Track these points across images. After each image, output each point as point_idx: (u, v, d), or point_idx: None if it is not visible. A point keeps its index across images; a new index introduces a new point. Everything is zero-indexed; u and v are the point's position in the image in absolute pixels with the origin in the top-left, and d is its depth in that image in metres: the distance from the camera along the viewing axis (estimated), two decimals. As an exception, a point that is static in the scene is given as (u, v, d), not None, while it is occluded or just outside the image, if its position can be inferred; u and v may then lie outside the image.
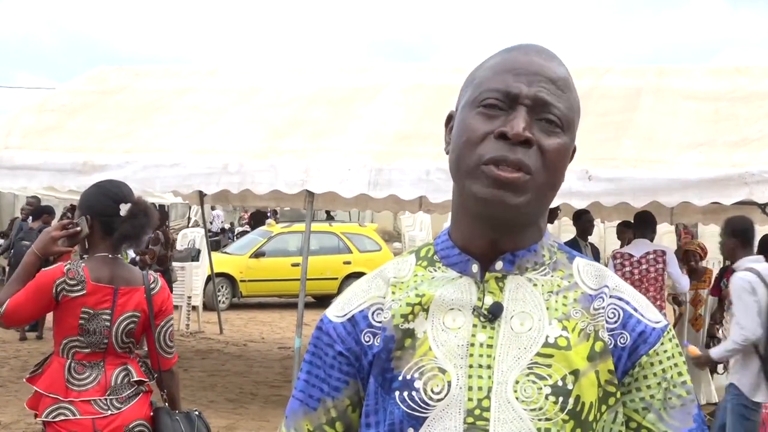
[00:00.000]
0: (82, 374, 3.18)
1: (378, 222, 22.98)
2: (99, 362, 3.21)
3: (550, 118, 1.21)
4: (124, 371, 3.23)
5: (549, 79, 1.22)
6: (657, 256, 6.92)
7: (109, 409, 3.15)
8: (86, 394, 3.15)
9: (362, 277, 1.35)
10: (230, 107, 7.99)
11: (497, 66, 1.24)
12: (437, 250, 1.31)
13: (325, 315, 1.33)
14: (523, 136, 1.17)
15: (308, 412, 1.30)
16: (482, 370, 1.20)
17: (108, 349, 3.21)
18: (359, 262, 15.41)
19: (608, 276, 1.29)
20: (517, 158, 1.17)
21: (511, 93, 1.20)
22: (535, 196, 1.20)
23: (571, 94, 1.25)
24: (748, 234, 5.17)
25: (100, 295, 3.20)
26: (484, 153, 1.19)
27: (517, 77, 1.21)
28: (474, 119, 1.21)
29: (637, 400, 1.23)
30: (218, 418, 7.24)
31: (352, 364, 1.28)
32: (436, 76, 8.30)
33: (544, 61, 1.23)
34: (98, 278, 3.20)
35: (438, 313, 1.25)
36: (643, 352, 1.23)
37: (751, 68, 7.94)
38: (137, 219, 3.27)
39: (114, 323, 3.21)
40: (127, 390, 3.20)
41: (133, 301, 3.26)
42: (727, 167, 5.82)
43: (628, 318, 1.24)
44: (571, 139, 1.25)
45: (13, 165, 7.16)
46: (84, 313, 3.17)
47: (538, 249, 1.27)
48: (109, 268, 3.25)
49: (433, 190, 6.30)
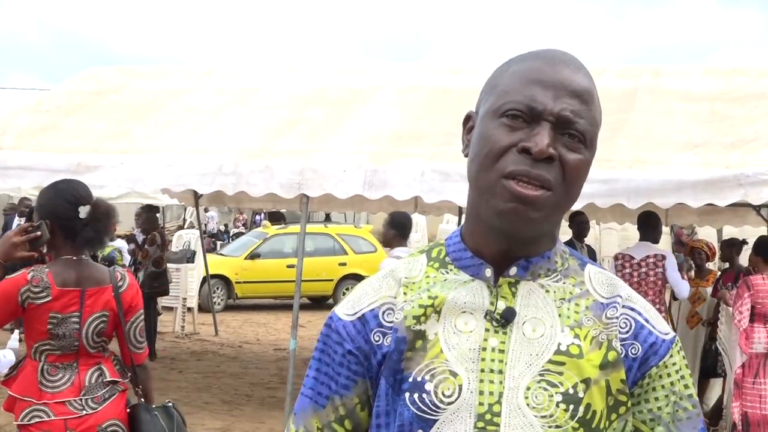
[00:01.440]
0: (56, 376, 3.18)
1: (373, 223, 22.96)
2: (72, 363, 3.20)
3: (573, 134, 1.20)
4: (98, 371, 3.23)
5: (574, 92, 1.20)
6: (657, 260, 6.90)
7: (84, 409, 3.15)
8: (60, 396, 3.14)
9: (373, 276, 1.35)
10: (225, 108, 7.98)
11: (523, 74, 1.22)
12: (449, 252, 1.31)
13: (335, 312, 1.32)
14: (546, 153, 1.17)
15: (317, 410, 1.30)
16: (494, 374, 1.20)
17: (80, 350, 3.21)
18: (354, 263, 15.40)
19: (620, 285, 1.29)
20: (538, 173, 1.17)
21: (536, 108, 1.19)
22: (553, 211, 1.20)
23: (594, 108, 1.24)
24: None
25: (67, 299, 3.17)
26: (506, 166, 1.18)
27: (544, 90, 1.19)
28: (497, 130, 1.20)
29: (645, 411, 1.24)
30: (213, 419, 7.23)
31: (361, 363, 1.28)
32: (431, 78, 8.30)
33: (571, 72, 1.22)
34: (64, 282, 3.17)
35: (450, 315, 1.24)
36: (653, 363, 1.23)
37: (747, 69, 7.95)
38: (99, 222, 3.24)
39: (83, 325, 3.19)
40: (101, 390, 3.21)
41: (102, 300, 3.24)
42: (722, 168, 5.82)
43: (640, 329, 1.25)
44: (592, 154, 1.24)
45: (6, 165, 7.14)
46: (52, 318, 3.15)
47: (552, 256, 1.28)
48: (75, 270, 3.22)
49: (427, 190, 6.29)
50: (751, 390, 6.24)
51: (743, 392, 6.26)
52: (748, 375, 6.27)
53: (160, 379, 9.11)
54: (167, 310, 12.00)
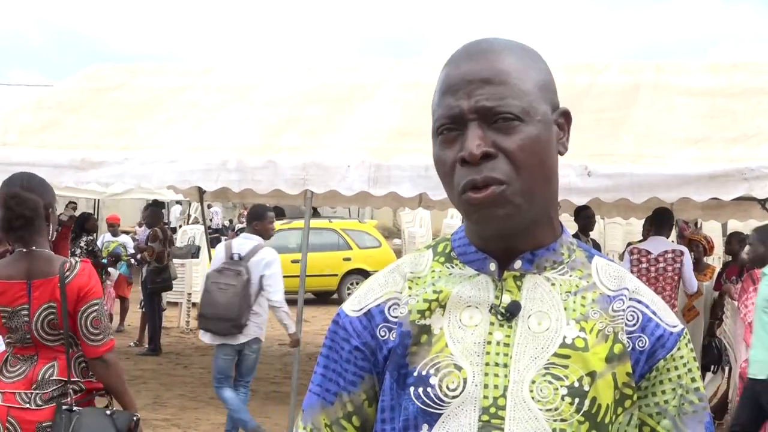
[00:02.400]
0: (15, 366, 3.18)
1: (378, 218, 22.98)
2: (33, 356, 3.18)
3: (503, 117, 1.18)
4: (51, 368, 3.16)
5: (483, 80, 1.18)
6: (675, 255, 6.92)
7: (29, 403, 3.11)
8: (11, 387, 3.13)
9: (379, 272, 1.35)
10: (226, 105, 7.98)
11: (439, 88, 1.24)
12: (454, 247, 1.31)
13: (342, 309, 1.32)
14: (477, 154, 1.16)
15: (325, 406, 1.29)
16: (498, 368, 1.20)
17: (36, 343, 3.17)
18: (359, 258, 15.41)
19: (627, 278, 1.28)
20: (483, 177, 1.17)
21: (455, 114, 1.19)
22: (520, 199, 1.18)
23: (520, 80, 1.19)
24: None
25: (13, 292, 3.14)
26: (458, 182, 1.19)
27: (455, 95, 1.20)
28: (440, 151, 1.22)
29: (651, 404, 1.23)
30: (218, 414, 7.24)
31: (367, 358, 1.27)
32: (432, 73, 8.25)
33: (476, 63, 1.20)
34: (9, 276, 3.15)
35: (455, 310, 1.24)
36: (661, 356, 1.22)
37: (749, 64, 7.94)
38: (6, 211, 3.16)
39: (32, 317, 3.14)
40: (51, 387, 3.14)
41: (48, 291, 3.14)
42: (725, 163, 5.81)
43: (648, 321, 1.24)
44: (539, 121, 1.20)
45: (9, 162, 7.13)
46: (3, 312, 3.15)
47: (557, 247, 1.27)
48: (23, 262, 3.16)
49: (432, 187, 6.29)
50: (756, 384, 6.23)
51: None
52: (752, 369, 6.26)
53: (165, 374, 9.13)
54: (172, 306, 12.03)
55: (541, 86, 1.22)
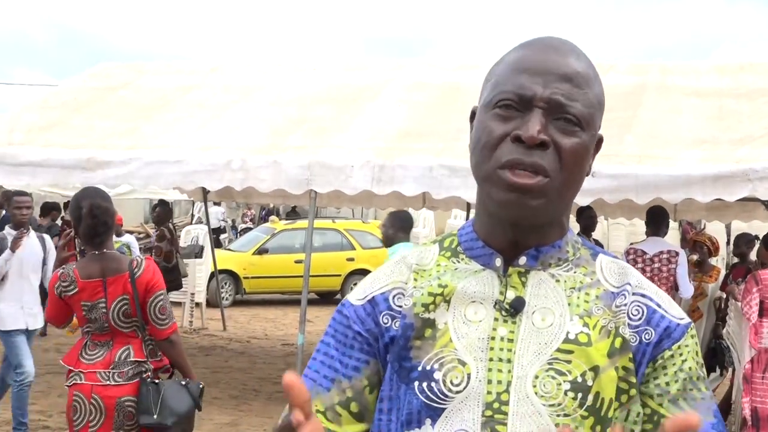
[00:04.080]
0: (93, 351, 3.76)
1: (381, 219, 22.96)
2: (109, 341, 3.77)
3: (567, 118, 1.19)
4: (126, 351, 3.75)
5: (565, 76, 1.19)
6: (671, 256, 6.88)
7: (108, 381, 3.69)
8: (92, 367, 3.71)
9: (386, 263, 1.36)
10: (233, 104, 7.99)
11: (513, 64, 1.23)
12: (461, 242, 1.31)
13: (347, 299, 1.33)
14: (537, 139, 1.16)
15: (320, 392, 1.29)
16: (502, 363, 1.20)
17: (112, 330, 3.76)
18: (362, 258, 15.41)
19: (630, 273, 1.29)
20: (532, 161, 1.17)
21: (526, 96, 1.19)
22: (554, 197, 1.20)
23: (591, 89, 1.22)
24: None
25: (92, 289, 3.74)
26: (501, 156, 1.18)
27: (532, 78, 1.19)
28: (490, 121, 1.21)
29: (653, 387, 1.22)
30: (221, 414, 7.26)
31: (371, 344, 1.28)
32: (438, 74, 8.29)
33: (560, 57, 1.21)
34: (89, 275, 3.75)
35: (459, 305, 1.25)
36: (667, 346, 1.22)
37: (754, 65, 7.93)
38: (91, 220, 3.73)
39: (109, 309, 3.74)
40: (128, 367, 3.73)
41: (121, 286, 3.74)
42: (730, 164, 5.81)
43: (652, 314, 1.24)
44: (592, 135, 1.23)
45: (17, 162, 7.17)
46: (84, 305, 3.75)
47: (562, 245, 1.28)
48: (98, 263, 3.78)
49: (436, 186, 6.30)
50: (761, 385, 6.24)
51: (753, 387, 6.25)
52: (757, 370, 6.26)
53: (169, 374, 9.15)
54: (175, 305, 12.01)
55: (601, 103, 1.26)
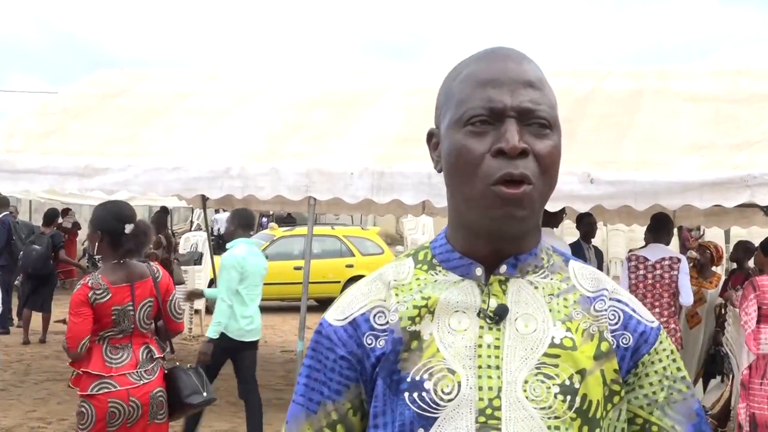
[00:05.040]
0: (116, 355, 4.03)
1: (380, 225, 22.98)
2: (127, 344, 4.07)
3: (538, 122, 1.22)
4: (147, 349, 4.13)
5: (527, 82, 1.23)
6: (672, 263, 6.86)
7: (141, 380, 4.04)
8: (122, 370, 4.00)
9: (360, 281, 1.36)
10: (231, 110, 7.99)
11: (473, 79, 1.24)
12: (435, 254, 1.33)
13: (324, 319, 1.33)
14: (519, 148, 1.19)
15: (309, 416, 1.31)
16: (491, 370, 1.23)
17: (134, 332, 4.09)
18: (362, 265, 15.41)
19: (603, 279, 1.33)
20: (520, 172, 1.19)
21: (496, 108, 1.21)
22: (537, 203, 1.23)
23: (549, 92, 1.26)
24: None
25: (122, 294, 4.06)
26: (489, 173, 1.20)
27: (498, 89, 1.22)
28: (465, 140, 1.22)
29: (640, 397, 1.27)
30: (220, 421, 7.25)
31: (353, 367, 1.29)
32: (436, 79, 8.27)
33: (517, 65, 1.24)
34: (115, 281, 4.06)
35: (443, 315, 1.27)
36: (645, 351, 1.27)
37: (752, 70, 7.93)
38: (138, 237, 4.13)
39: (136, 311, 4.10)
40: (150, 364, 4.11)
41: (147, 290, 4.15)
42: (728, 170, 5.80)
43: (629, 319, 1.29)
44: (559, 135, 1.26)
45: (14, 168, 7.16)
46: (114, 310, 4.02)
47: (538, 252, 1.31)
48: (123, 270, 4.13)
49: (435, 194, 6.29)
50: (759, 391, 6.23)
51: (750, 393, 6.25)
52: (755, 376, 6.26)
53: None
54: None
55: (556, 105, 1.28)
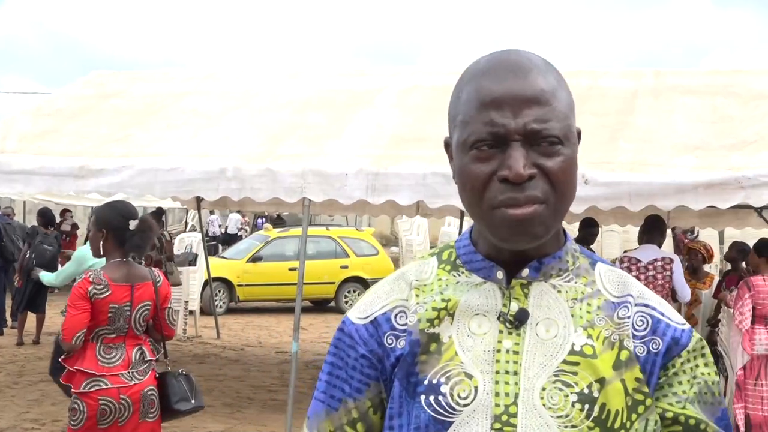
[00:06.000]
0: (109, 354, 4.02)
1: (375, 226, 23.00)
2: (121, 344, 4.05)
3: (548, 141, 1.17)
4: (140, 350, 4.10)
5: (532, 99, 1.17)
6: (665, 263, 6.86)
7: (132, 380, 4.02)
8: (114, 370, 3.99)
9: (383, 279, 1.35)
10: (227, 111, 7.98)
11: (475, 99, 1.19)
12: (459, 254, 1.31)
13: (347, 317, 1.33)
14: (524, 176, 1.15)
15: (330, 413, 1.30)
16: (509, 376, 1.21)
17: (128, 332, 4.06)
18: (356, 266, 15.41)
19: (630, 283, 1.29)
20: (525, 195, 1.16)
21: (499, 133, 1.16)
22: (552, 218, 1.19)
23: (559, 100, 1.20)
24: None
25: (121, 293, 4.02)
26: (493, 197, 1.17)
27: (500, 111, 1.17)
28: (471, 165, 1.19)
29: (670, 395, 1.23)
30: (215, 422, 7.24)
31: (374, 366, 1.28)
32: (432, 80, 8.30)
33: (521, 79, 1.18)
34: (117, 279, 4.02)
35: (463, 318, 1.25)
36: (676, 353, 1.24)
37: (747, 70, 7.95)
38: (144, 233, 4.11)
39: (133, 312, 4.05)
40: (142, 365, 4.09)
41: (146, 293, 4.11)
42: (723, 171, 5.81)
43: (657, 323, 1.25)
44: (573, 144, 1.21)
45: (9, 170, 7.14)
46: (111, 308, 3.99)
47: (563, 255, 1.27)
48: (125, 269, 4.07)
49: (430, 195, 6.29)
50: (753, 392, 6.26)
51: (745, 394, 6.27)
52: (749, 377, 6.28)
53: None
54: (169, 314, 12.00)
55: (571, 107, 1.23)
